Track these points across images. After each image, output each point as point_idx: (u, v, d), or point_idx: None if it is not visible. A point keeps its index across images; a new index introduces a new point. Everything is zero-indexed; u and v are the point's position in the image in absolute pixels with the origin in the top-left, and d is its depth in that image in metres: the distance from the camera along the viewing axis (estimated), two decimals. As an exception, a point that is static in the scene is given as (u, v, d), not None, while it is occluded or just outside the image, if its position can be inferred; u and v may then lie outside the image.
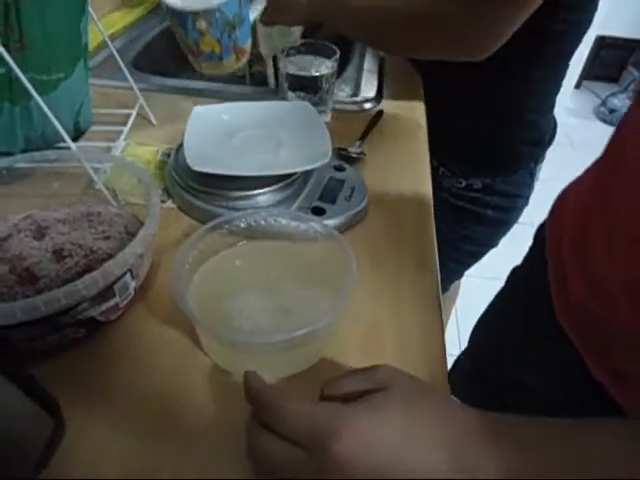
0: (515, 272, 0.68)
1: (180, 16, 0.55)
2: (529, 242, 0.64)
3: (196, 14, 0.54)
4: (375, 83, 0.77)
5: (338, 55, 0.63)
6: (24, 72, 0.43)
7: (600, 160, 0.48)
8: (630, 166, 0.40)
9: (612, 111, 2.67)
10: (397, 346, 0.39)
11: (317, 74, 0.61)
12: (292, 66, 0.62)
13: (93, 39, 0.73)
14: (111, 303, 0.37)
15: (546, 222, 0.57)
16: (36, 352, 0.36)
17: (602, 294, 0.42)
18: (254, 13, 0.66)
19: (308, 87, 0.62)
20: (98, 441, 0.33)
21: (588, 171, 0.51)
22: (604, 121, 2.69)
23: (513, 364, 0.66)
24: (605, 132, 2.63)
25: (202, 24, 0.55)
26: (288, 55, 0.63)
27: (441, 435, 0.27)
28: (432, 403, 0.29)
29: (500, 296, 0.71)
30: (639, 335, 0.38)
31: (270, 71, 0.85)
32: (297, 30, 0.75)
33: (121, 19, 0.92)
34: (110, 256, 0.40)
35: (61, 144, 0.51)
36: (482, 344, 0.75)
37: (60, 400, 0.32)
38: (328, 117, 0.66)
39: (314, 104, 0.59)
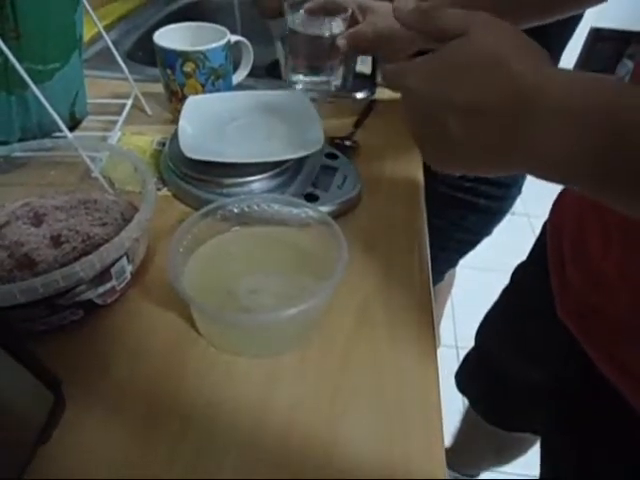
0: (519, 269, 0.69)
1: (171, 55, 0.58)
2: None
3: (186, 54, 0.58)
4: (369, 72, 0.77)
5: (349, 13, 0.57)
6: (19, 61, 0.43)
7: None
8: None
9: (608, 103, 2.67)
10: (386, 328, 0.40)
11: (327, 34, 0.55)
12: (298, 23, 0.56)
13: (88, 30, 0.73)
14: (108, 286, 0.38)
15: (548, 219, 0.58)
16: (36, 333, 0.37)
17: (601, 287, 0.42)
18: (238, 78, 0.68)
19: (316, 52, 0.57)
20: (96, 421, 0.34)
21: None
22: (600, 113, 2.69)
23: (519, 362, 0.68)
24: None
25: (190, 66, 0.58)
26: (294, 10, 0.57)
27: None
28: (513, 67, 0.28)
29: (505, 294, 0.72)
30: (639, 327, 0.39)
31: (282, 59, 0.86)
32: None
33: (116, 10, 0.92)
34: (106, 241, 0.40)
35: (57, 133, 0.51)
36: (488, 342, 0.77)
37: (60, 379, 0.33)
38: (338, 82, 0.62)
39: (321, 72, 0.57)
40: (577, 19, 0.72)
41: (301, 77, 0.62)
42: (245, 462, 0.32)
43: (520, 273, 0.68)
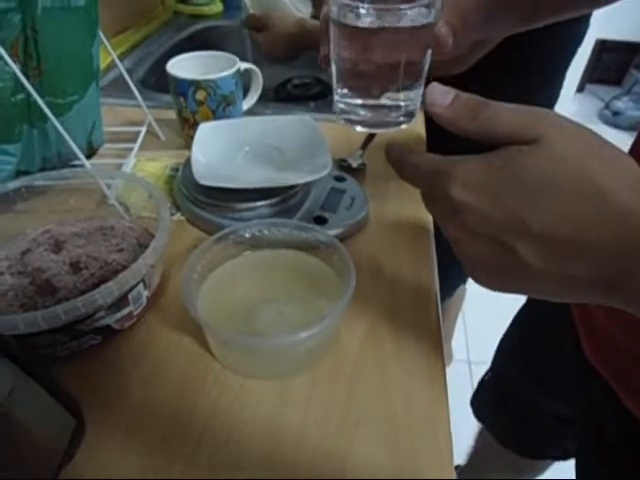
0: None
1: (183, 84, 0.60)
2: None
3: (197, 83, 0.60)
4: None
5: None
6: (41, 96, 0.46)
7: None
8: None
9: (616, 114, 2.67)
10: (394, 349, 0.41)
11: (407, 23, 0.33)
12: (347, 10, 0.33)
13: (103, 59, 0.76)
14: (125, 312, 0.40)
15: None
16: (57, 358, 0.38)
17: (633, 329, 0.41)
18: (248, 104, 0.70)
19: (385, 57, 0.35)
20: (114, 442, 0.35)
21: None
22: (608, 124, 2.70)
23: (539, 393, 0.66)
24: (609, 135, 2.61)
25: (201, 94, 0.61)
26: None
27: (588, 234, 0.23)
28: (589, 190, 0.23)
29: (520, 318, 0.71)
30: None
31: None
32: None
33: (129, 39, 0.95)
34: (124, 267, 0.42)
35: (75, 162, 0.54)
36: (506, 370, 0.75)
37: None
38: (418, 104, 0.38)
39: (394, 90, 0.36)
40: (582, 34, 0.73)
41: (358, 101, 0.38)
42: (259, 480, 0.33)
43: (535, 299, 0.67)
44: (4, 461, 0.27)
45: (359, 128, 0.38)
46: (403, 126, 0.39)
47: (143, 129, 0.65)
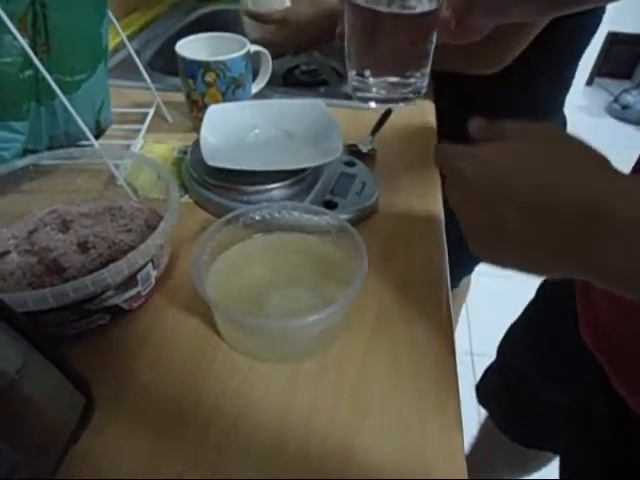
0: (544, 286, 0.68)
1: (193, 65, 0.59)
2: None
3: (207, 64, 0.59)
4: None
5: None
6: (49, 73, 0.45)
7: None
8: None
9: (625, 107, 2.64)
10: (405, 336, 0.41)
11: (418, 9, 0.37)
12: None
13: (110, 40, 0.75)
14: (134, 292, 0.39)
15: None
16: (65, 337, 0.38)
17: (628, 311, 0.42)
18: (257, 87, 0.69)
19: (396, 40, 0.38)
20: (121, 423, 0.34)
21: None
22: (616, 118, 2.67)
23: (544, 383, 0.66)
24: (618, 129, 2.61)
25: (211, 75, 0.60)
26: None
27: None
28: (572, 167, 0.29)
29: (530, 309, 0.71)
30: None
31: None
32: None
33: (137, 20, 0.94)
34: (132, 248, 0.41)
35: (83, 142, 0.53)
36: (512, 360, 0.75)
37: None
38: (425, 81, 0.43)
39: (404, 69, 0.40)
40: (595, 25, 0.72)
41: (371, 80, 0.41)
42: (267, 463, 0.33)
43: (547, 290, 0.67)
44: (13, 436, 0.26)
45: (372, 104, 0.43)
46: (412, 102, 0.44)
47: (151, 111, 0.64)
